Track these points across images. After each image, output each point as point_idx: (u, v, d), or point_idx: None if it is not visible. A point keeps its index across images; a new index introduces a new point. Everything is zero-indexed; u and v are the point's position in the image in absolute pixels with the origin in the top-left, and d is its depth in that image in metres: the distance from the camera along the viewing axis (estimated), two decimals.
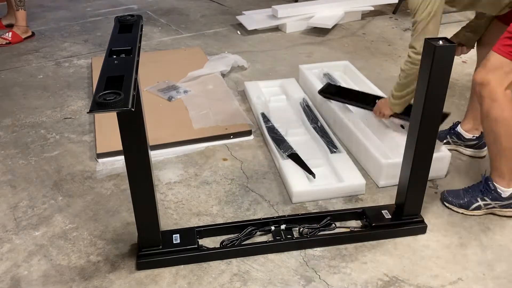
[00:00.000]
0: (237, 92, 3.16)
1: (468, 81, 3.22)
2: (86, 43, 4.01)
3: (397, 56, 3.70)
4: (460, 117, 2.58)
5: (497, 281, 1.77)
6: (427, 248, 1.91)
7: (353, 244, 1.92)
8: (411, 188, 1.89)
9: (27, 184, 2.29)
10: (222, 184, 2.29)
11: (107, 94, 1.30)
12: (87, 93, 3.15)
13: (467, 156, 2.46)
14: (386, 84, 3.22)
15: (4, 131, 2.73)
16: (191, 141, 2.58)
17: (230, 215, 2.09)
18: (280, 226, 1.96)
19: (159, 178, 2.32)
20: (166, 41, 4.05)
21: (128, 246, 1.92)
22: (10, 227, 2.03)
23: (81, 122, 2.82)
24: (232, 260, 1.85)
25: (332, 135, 2.53)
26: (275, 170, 2.38)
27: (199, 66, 3.35)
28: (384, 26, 4.35)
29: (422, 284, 1.75)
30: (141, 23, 1.77)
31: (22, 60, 3.66)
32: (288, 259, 1.86)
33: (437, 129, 1.79)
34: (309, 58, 3.68)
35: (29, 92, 3.17)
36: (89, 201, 2.18)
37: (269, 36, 4.16)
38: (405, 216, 1.97)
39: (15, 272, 1.81)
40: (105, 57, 1.53)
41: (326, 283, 1.75)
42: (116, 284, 1.75)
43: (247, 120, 2.72)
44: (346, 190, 2.19)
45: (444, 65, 1.64)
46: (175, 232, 1.91)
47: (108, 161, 2.43)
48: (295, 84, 3.10)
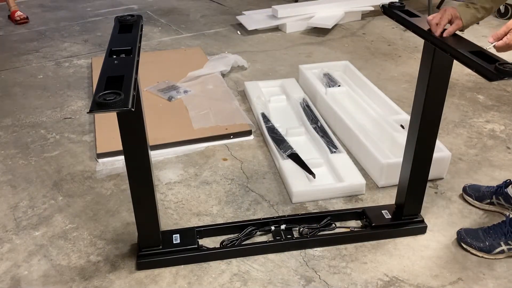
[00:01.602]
0: (237, 92, 3.16)
1: (468, 81, 3.23)
2: (86, 43, 4.01)
3: (397, 56, 3.70)
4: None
5: (497, 281, 1.77)
6: (427, 248, 1.91)
7: (353, 244, 1.92)
8: (411, 188, 1.89)
9: (27, 184, 2.29)
10: (222, 184, 2.29)
11: (107, 94, 1.30)
12: (87, 93, 3.15)
13: (469, 159, 2.46)
14: (386, 84, 3.22)
15: (4, 131, 2.73)
16: (191, 141, 2.58)
17: (230, 215, 2.09)
18: (280, 226, 1.96)
19: (159, 178, 2.32)
20: (166, 41, 4.05)
21: (128, 246, 1.92)
22: (10, 227, 2.03)
23: (81, 122, 2.82)
24: (232, 260, 1.85)
25: (332, 135, 2.53)
26: (275, 170, 2.38)
27: (199, 66, 3.35)
28: (384, 26, 4.35)
29: (422, 284, 1.75)
30: (141, 23, 1.77)
31: (22, 60, 3.66)
32: (288, 259, 1.86)
33: (437, 129, 1.79)
34: (309, 58, 3.68)
35: (29, 92, 3.17)
36: (89, 201, 2.18)
37: (269, 36, 4.15)
38: (405, 216, 1.97)
39: (15, 272, 1.81)
40: (105, 57, 1.54)
41: (326, 283, 1.75)
42: (116, 284, 1.75)
43: (247, 120, 2.72)
44: (346, 190, 2.19)
45: (444, 65, 1.64)
46: (175, 232, 1.91)
47: (108, 161, 2.43)
48: (295, 84, 3.10)
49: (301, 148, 2.42)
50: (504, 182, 2.08)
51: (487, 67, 1.36)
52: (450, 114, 2.85)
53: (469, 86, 3.18)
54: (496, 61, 1.37)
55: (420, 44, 3.71)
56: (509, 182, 2.06)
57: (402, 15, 1.77)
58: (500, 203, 2.07)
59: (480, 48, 1.48)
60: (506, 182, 2.08)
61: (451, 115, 2.84)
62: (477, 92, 3.13)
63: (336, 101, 2.79)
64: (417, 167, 1.84)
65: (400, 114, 2.62)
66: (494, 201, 2.08)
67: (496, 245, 1.85)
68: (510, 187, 2.05)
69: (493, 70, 1.34)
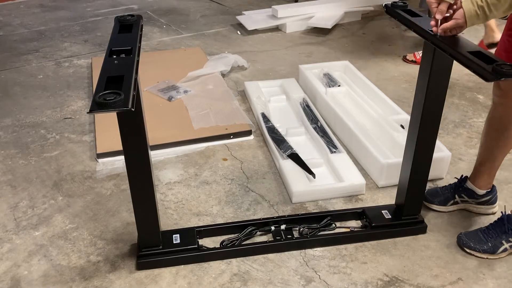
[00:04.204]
0: (237, 92, 3.16)
1: (468, 81, 3.22)
2: (86, 43, 4.01)
3: (397, 56, 3.70)
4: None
5: (497, 281, 1.77)
6: (427, 248, 1.91)
7: (353, 244, 1.92)
8: (411, 188, 1.89)
9: (27, 184, 2.29)
10: (222, 184, 2.29)
11: (107, 94, 1.30)
12: (87, 93, 3.15)
13: (469, 159, 2.46)
14: (386, 84, 3.22)
15: (4, 131, 2.73)
16: (191, 141, 2.58)
17: (230, 215, 2.09)
18: (280, 226, 1.96)
19: (159, 178, 2.32)
20: (166, 41, 4.05)
21: (128, 246, 1.92)
22: (10, 227, 2.03)
23: (81, 122, 2.82)
24: (232, 260, 1.85)
25: (332, 135, 2.53)
26: (275, 170, 2.38)
27: (199, 66, 3.35)
28: (384, 26, 4.35)
29: (422, 284, 1.75)
30: (141, 23, 1.77)
31: (22, 60, 3.66)
32: (288, 259, 1.86)
33: (437, 129, 1.79)
34: (309, 58, 3.68)
35: (29, 92, 3.17)
36: (89, 201, 2.18)
37: (269, 36, 4.15)
38: (405, 216, 1.96)
39: (15, 272, 1.81)
40: (105, 57, 1.53)
41: (326, 283, 1.75)
42: (116, 284, 1.75)
43: (247, 120, 2.72)
44: (346, 190, 2.19)
45: (444, 65, 1.64)
46: (175, 232, 1.91)
47: (108, 161, 2.43)
48: (295, 84, 3.10)
49: (301, 148, 2.42)
50: (460, 178, 2.11)
51: (485, 67, 1.36)
52: (450, 114, 2.85)
53: (469, 86, 3.18)
54: (494, 62, 1.37)
55: (420, 44, 3.70)
56: (466, 177, 2.09)
57: (404, 15, 1.77)
58: (464, 200, 2.08)
59: (479, 48, 1.48)
60: (462, 178, 2.10)
61: (451, 115, 2.84)
62: (477, 92, 3.13)
63: (336, 101, 2.79)
64: (417, 167, 1.84)
65: (400, 114, 2.62)
66: (458, 200, 2.09)
67: (499, 244, 1.85)
68: (468, 181, 2.07)
69: (491, 71, 1.34)
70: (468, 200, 2.07)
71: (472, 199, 2.07)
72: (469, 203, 2.08)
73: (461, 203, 2.09)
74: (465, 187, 2.07)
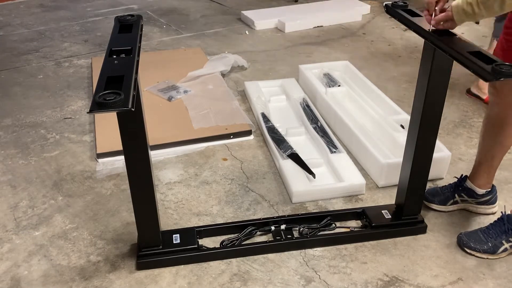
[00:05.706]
0: (237, 92, 3.16)
1: (468, 81, 3.22)
2: (86, 43, 4.01)
3: (397, 56, 3.70)
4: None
5: (497, 281, 1.77)
6: (427, 248, 1.91)
7: (353, 244, 1.92)
8: (411, 188, 1.89)
9: (27, 184, 2.29)
10: (222, 184, 2.29)
11: (107, 94, 1.30)
12: (87, 93, 3.15)
13: (469, 159, 2.46)
14: (386, 84, 3.22)
15: (4, 131, 2.73)
16: (191, 141, 2.58)
17: (230, 215, 2.09)
18: (280, 226, 1.96)
19: (159, 178, 2.32)
20: (166, 41, 4.05)
21: (128, 246, 1.92)
22: (10, 227, 2.03)
23: (81, 122, 2.82)
24: (232, 260, 1.85)
25: (332, 135, 2.53)
26: (275, 170, 2.38)
27: (199, 66, 3.35)
28: (384, 26, 4.35)
29: (422, 284, 1.75)
30: (141, 23, 1.77)
31: (22, 60, 3.66)
32: (288, 259, 1.86)
33: (437, 129, 1.79)
34: (309, 58, 3.68)
35: (29, 92, 3.17)
36: (89, 201, 2.18)
37: (269, 36, 4.15)
38: (405, 216, 1.97)
39: (15, 272, 1.81)
40: (105, 57, 1.53)
41: (326, 283, 1.75)
42: (116, 284, 1.75)
43: (247, 120, 2.72)
44: (346, 190, 2.19)
45: (444, 65, 1.64)
46: (175, 232, 1.91)
47: (108, 161, 2.43)
48: (295, 84, 3.10)
49: (301, 148, 2.42)
50: (460, 178, 2.10)
51: (484, 67, 1.36)
52: (450, 114, 2.85)
53: (469, 86, 3.18)
54: (493, 62, 1.37)
55: (420, 44, 3.71)
56: (465, 176, 2.09)
57: (405, 15, 1.77)
58: (464, 199, 2.08)
59: (479, 48, 1.48)
60: (462, 177, 2.09)
61: (451, 115, 2.84)
62: None
63: (336, 101, 2.79)
64: (417, 167, 1.84)
65: (400, 114, 2.62)
66: (458, 200, 2.08)
67: (499, 244, 1.86)
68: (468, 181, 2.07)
69: (490, 71, 1.34)
70: (468, 200, 2.07)
71: (472, 198, 2.07)
72: (469, 202, 2.08)
73: (461, 203, 2.09)
74: (464, 187, 2.07)
